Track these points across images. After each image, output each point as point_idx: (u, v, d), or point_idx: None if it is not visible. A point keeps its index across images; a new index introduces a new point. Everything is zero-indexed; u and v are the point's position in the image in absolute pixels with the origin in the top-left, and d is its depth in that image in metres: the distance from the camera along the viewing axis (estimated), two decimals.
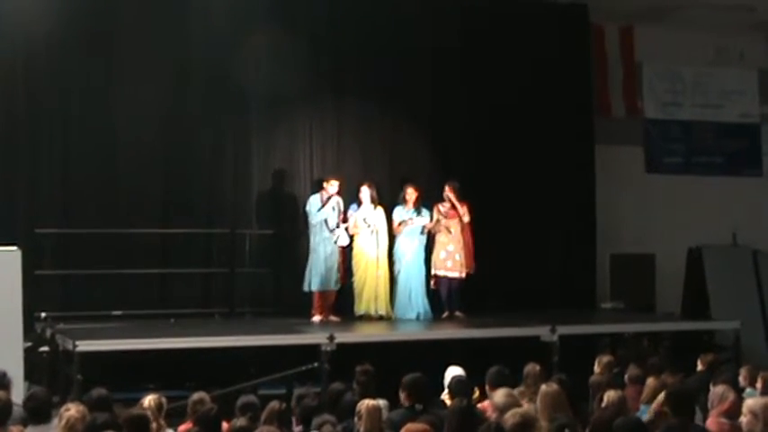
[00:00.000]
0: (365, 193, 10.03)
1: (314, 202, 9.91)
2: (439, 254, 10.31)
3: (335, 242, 9.90)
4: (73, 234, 9.52)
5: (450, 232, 10.28)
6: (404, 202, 10.32)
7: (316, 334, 8.53)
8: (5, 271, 7.59)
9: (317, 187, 10.26)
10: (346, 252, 10.07)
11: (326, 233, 9.87)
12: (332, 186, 9.95)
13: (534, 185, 11.36)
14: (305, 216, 10.02)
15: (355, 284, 10.10)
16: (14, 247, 7.80)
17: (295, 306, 10.07)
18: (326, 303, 9.92)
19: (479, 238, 10.46)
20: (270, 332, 8.60)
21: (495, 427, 4.71)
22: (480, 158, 11.12)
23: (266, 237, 10.44)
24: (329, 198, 9.87)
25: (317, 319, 9.72)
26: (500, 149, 11.23)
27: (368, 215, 10.05)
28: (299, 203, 10.43)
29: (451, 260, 10.28)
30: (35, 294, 8.58)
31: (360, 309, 10.06)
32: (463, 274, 10.30)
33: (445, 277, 10.28)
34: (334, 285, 9.92)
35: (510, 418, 4.79)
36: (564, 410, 5.30)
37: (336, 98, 10.87)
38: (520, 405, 5.37)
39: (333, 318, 9.83)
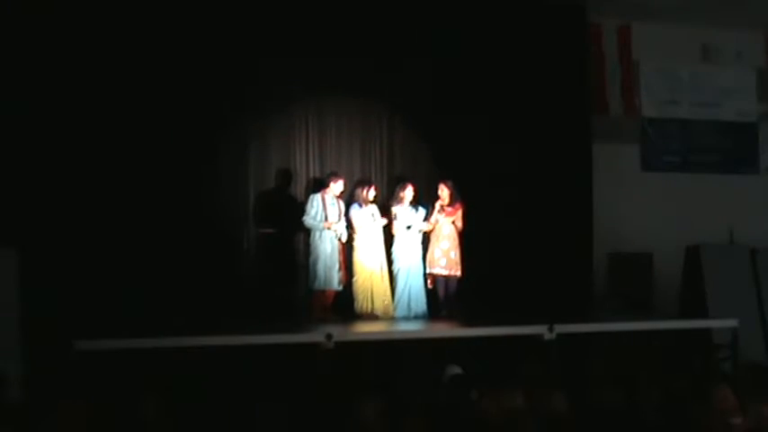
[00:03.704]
0: (372, 192, 10.13)
1: (315, 203, 9.96)
2: (433, 252, 10.35)
3: (338, 238, 9.95)
4: (70, 233, 9.50)
5: (443, 231, 10.33)
6: (400, 200, 10.37)
7: (314, 333, 8.53)
8: (2, 271, 7.61)
9: (319, 185, 10.30)
10: (346, 251, 10.11)
11: (326, 232, 9.90)
12: (337, 185, 10.02)
13: (532, 184, 11.36)
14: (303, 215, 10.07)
15: (355, 284, 10.14)
16: (11, 247, 7.81)
17: (293, 305, 10.10)
18: (326, 303, 9.95)
19: (476, 237, 10.49)
20: (268, 331, 8.58)
21: (494, 423, 4.73)
22: (478, 157, 11.11)
23: (264, 236, 10.44)
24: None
25: (315, 318, 9.74)
26: (497, 148, 11.22)
27: (375, 214, 10.16)
28: (298, 202, 10.45)
29: (446, 258, 10.31)
30: (32, 294, 8.56)
31: (359, 308, 10.10)
32: (458, 273, 10.33)
33: (440, 275, 10.31)
34: (336, 285, 9.96)
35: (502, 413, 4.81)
36: None
37: (334, 97, 10.87)
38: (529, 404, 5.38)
39: (332, 317, 9.84)
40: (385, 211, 10.39)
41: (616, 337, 9.38)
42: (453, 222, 10.36)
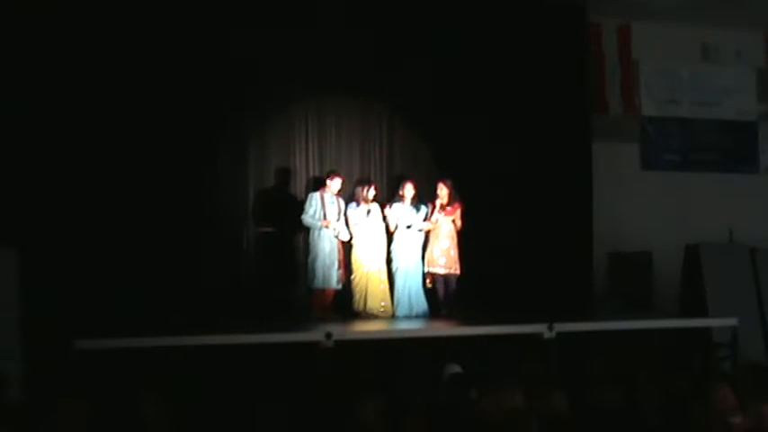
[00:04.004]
0: (372, 192, 10.15)
1: (314, 201, 9.98)
2: (433, 251, 10.34)
3: (336, 236, 9.97)
4: (70, 233, 9.50)
5: (442, 230, 10.34)
6: (402, 199, 10.38)
7: (314, 331, 8.53)
8: (2, 271, 7.61)
9: (318, 184, 10.32)
10: (346, 249, 10.12)
11: (324, 231, 9.92)
12: (335, 183, 10.05)
13: (531, 183, 11.37)
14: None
15: (354, 282, 10.15)
16: (11, 247, 7.81)
17: (293, 304, 10.10)
18: (325, 302, 9.96)
19: (476, 236, 10.49)
20: (267, 330, 8.58)
21: (494, 422, 4.73)
22: (478, 156, 11.12)
23: (264, 235, 10.44)
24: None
25: (315, 316, 9.74)
26: (497, 147, 11.22)
27: (372, 212, 10.18)
28: (297, 201, 10.45)
29: (446, 257, 10.31)
30: (32, 294, 8.56)
31: (359, 307, 10.11)
32: (457, 271, 10.34)
33: (439, 274, 10.32)
34: (335, 284, 9.96)
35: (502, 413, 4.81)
36: None
37: (334, 97, 10.87)
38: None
39: (331, 315, 9.85)
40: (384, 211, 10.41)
41: (616, 336, 9.38)
42: (453, 221, 10.38)
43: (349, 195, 10.37)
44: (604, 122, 12.38)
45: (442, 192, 10.37)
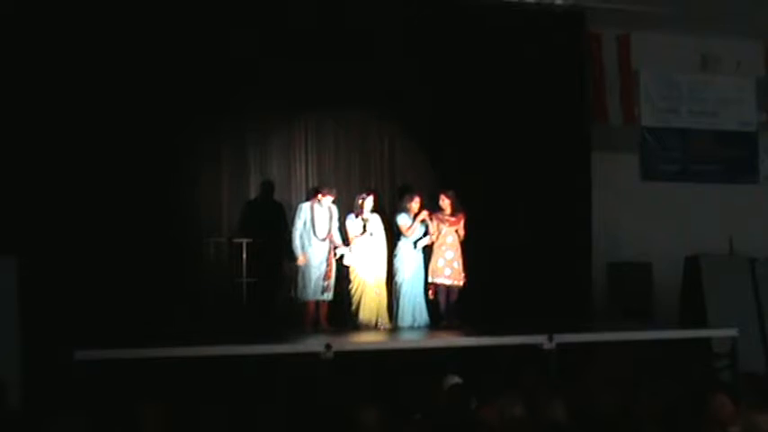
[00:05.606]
0: (369, 203, 10.12)
1: (303, 213, 9.93)
2: (437, 262, 10.31)
3: (329, 252, 9.88)
4: (69, 242, 9.50)
5: (446, 241, 10.31)
6: (408, 210, 10.33)
7: (312, 343, 8.52)
8: (1, 280, 7.60)
9: (312, 196, 10.29)
10: (335, 260, 10.05)
11: (315, 241, 9.86)
12: (326, 199, 9.99)
13: (531, 193, 11.37)
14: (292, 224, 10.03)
15: (351, 293, 10.11)
16: (10, 256, 7.80)
17: (291, 315, 10.07)
18: (319, 313, 9.89)
19: (476, 247, 10.47)
20: (266, 341, 8.57)
21: None
22: (477, 166, 11.12)
23: (263, 245, 10.42)
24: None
25: (309, 328, 9.70)
26: (496, 157, 11.24)
27: (369, 224, 10.14)
28: (290, 212, 10.42)
29: (450, 268, 10.28)
30: (31, 303, 8.54)
31: (358, 318, 10.05)
32: (461, 282, 10.31)
33: (443, 285, 10.29)
34: (325, 295, 9.86)
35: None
36: None
37: (334, 106, 10.87)
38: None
39: (326, 327, 9.80)
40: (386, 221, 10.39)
41: (615, 347, 9.37)
42: (456, 231, 10.34)
43: (345, 208, 10.34)
44: (604, 132, 12.38)
45: (444, 203, 10.34)
